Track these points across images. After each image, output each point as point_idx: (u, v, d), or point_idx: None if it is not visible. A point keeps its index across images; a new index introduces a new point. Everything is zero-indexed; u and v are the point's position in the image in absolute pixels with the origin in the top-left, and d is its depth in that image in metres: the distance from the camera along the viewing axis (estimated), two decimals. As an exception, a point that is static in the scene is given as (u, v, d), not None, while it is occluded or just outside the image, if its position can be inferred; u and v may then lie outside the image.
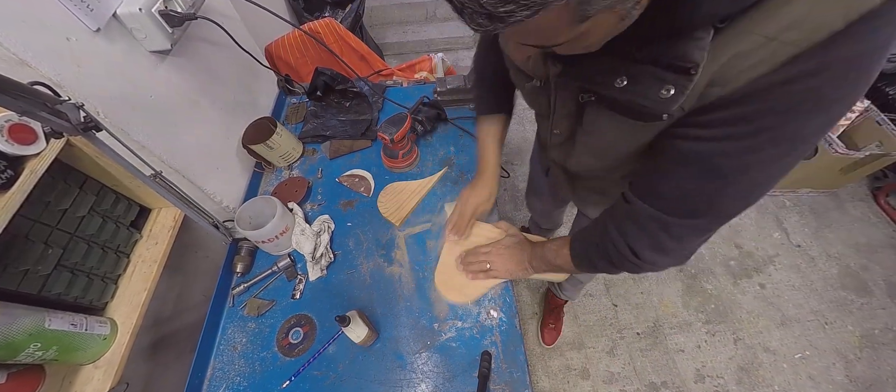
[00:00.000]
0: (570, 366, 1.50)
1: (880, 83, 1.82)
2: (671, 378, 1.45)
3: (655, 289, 1.66)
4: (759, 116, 0.34)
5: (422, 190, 1.01)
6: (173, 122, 0.85)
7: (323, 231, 0.93)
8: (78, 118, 0.56)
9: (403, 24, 2.82)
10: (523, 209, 1.91)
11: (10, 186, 0.60)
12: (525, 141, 2.19)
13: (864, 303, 1.61)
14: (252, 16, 1.11)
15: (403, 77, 1.50)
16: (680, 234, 0.47)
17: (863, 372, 1.45)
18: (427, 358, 0.78)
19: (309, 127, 1.18)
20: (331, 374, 0.77)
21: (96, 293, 0.79)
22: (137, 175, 0.71)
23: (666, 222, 0.46)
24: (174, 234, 0.91)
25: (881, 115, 1.69)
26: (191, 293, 1.08)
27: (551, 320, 1.54)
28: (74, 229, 0.77)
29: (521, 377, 0.74)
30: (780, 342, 1.52)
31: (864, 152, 1.62)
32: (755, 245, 1.78)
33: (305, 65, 1.53)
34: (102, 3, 0.67)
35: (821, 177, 1.79)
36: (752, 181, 0.40)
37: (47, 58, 0.60)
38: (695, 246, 0.50)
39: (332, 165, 1.11)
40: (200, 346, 0.80)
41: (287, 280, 0.90)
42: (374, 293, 0.87)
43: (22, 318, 0.62)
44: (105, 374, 0.73)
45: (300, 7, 2.07)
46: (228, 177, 1.02)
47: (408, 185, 1.02)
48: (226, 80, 1.03)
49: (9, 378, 0.63)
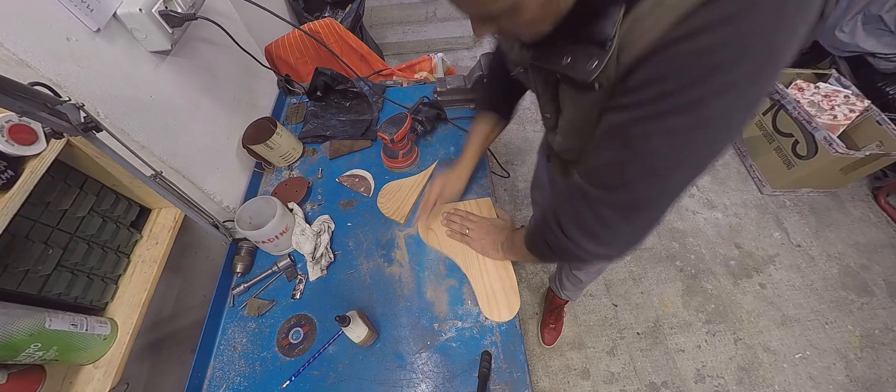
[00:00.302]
0: (570, 366, 1.50)
1: (880, 83, 1.82)
2: (671, 378, 1.45)
3: (655, 289, 1.66)
4: (659, 80, 0.35)
5: (418, 185, 1.02)
6: (173, 122, 0.85)
7: (323, 231, 0.93)
8: (78, 118, 0.56)
9: (403, 24, 2.82)
10: (523, 209, 1.92)
11: (11, 187, 0.60)
12: (525, 141, 2.19)
13: (864, 303, 1.60)
14: (252, 16, 1.11)
15: (403, 77, 1.50)
16: (602, 213, 0.46)
17: (863, 372, 1.45)
18: (427, 358, 0.78)
19: (309, 127, 1.18)
20: (331, 374, 0.77)
21: (96, 293, 0.79)
22: (137, 175, 0.71)
23: (587, 195, 0.47)
24: (174, 235, 0.91)
25: (881, 114, 1.69)
26: (191, 293, 1.08)
27: (551, 320, 1.55)
28: (75, 229, 0.77)
29: (521, 377, 0.74)
30: (781, 342, 1.52)
31: (864, 152, 1.62)
32: (755, 245, 1.78)
33: (305, 65, 1.53)
34: (102, 4, 0.67)
35: (821, 176, 1.79)
36: (658, 152, 0.39)
37: (47, 58, 0.60)
38: (623, 233, 0.48)
39: (332, 165, 1.11)
40: (200, 347, 0.80)
41: (287, 280, 0.90)
42: (374, 293, 0.87)
43: (22, 318, 0.62)
44: (105, 374, 0.74)
45: (300, 7, 2.07)
46: (228, 177, 1.02)
47: (404, 183, 1.03)
48: (226, 80, 1.03)
49: (9, 378, 0.63)
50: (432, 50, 2.38)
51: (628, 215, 0.46)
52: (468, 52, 2.74)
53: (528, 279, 1.73)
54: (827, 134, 1.63)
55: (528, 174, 2.05)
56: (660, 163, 0.40)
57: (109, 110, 0.69)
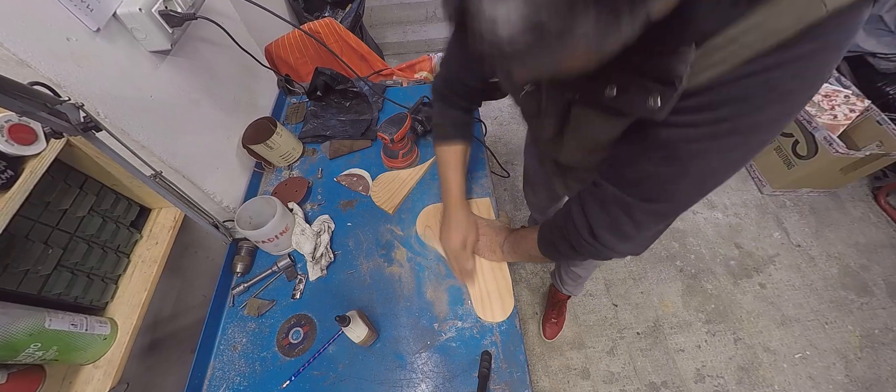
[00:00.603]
0: (570, 366, 1.50)
1: (880, 83, 1.82)
2: (671, 378, 1.45)
3: (655, 288, 1.66)
4: (719, 106, 0.38)
5: (412, 179, 1.02)
6: (173, 122, 0.85)
7: (323, 231, 0.93)
8: (78, 118, 0.56)
9: (403, 24, 2.82)
10: (523, 209, 1.91)
11: (10, 186, 0.60)
12: (524, 141, 2.19)
13: (864, 302, 1.61)
14: (252, 16, 1.11)
15: (403, 77, 1.50)
16: (639, 219, 0.49)
17: (863, 372, 1.45)
18: (427, 358, 0.78)
19: (309, 127, 1.18)
20: (331, 374, 0.77)
21: (96, 293, 0.79)
22: (137, 175, 0.71)
23: (628, 205, 0.49)
24: (174, 234, 0.91)
25: (881, 114, 1.69)
26: (191, 293, 1.08)
27: (553, 315, 1.56)
28: (74, 229, 0.77)
29: (521, 377, 0.74)
30: (781, 342, 1.52)
31: (864, 152, 1.62)
32: (755, 245, 1.78)
33: (305, 65, 1.53)
34: (102, 3, 0.67)
35: (821, 176, 1.79)
36: (708, 168, 0.43)
37: (47, 58, 0.60)
38: (652, 236, 0.53)
39: (332, 165, 1.11)
40: (200, 346, 0.80)
41: (287, 280, 0.90)
42: (374, 293, 0.87)
43: (22, 318, 0.62)
44: (105, 374, 0.73)
45: (300, 7, 2.07)
46: (228, 177, 1.02)
47: (399, 175, 1.04)
48: (226, 80, 1.03)
49: (9, 378, 0.63)
50: (432, 50, 2.38)
51: (664, 219, 0.50)
52: (468, 52, 2.74)
53: (527, 279, 1.73)
54: (827, 134, 1.63)
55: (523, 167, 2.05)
56: (708, 177, 0.44)
57: (109, 110, 0.69)
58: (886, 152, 1.62)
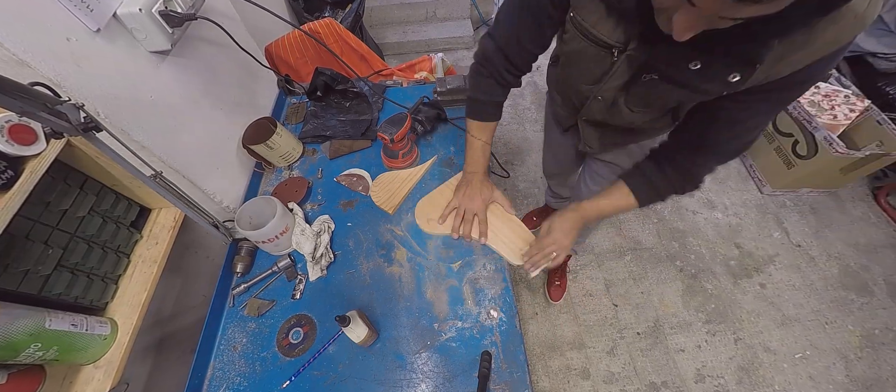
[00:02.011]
0: (570, 366, 1.50)
1: (880, 83, 1.82)
2: (671, 378, 1.45)
3: (655, 289, 1.66)
4: (785, 89, 0.53)
5: (412, 179, 1.02)
6: (173, 122, 0.85)
7: (323, 231, 0.93)
8: (78, 118, 0.56)
9: (403, 24, 2.82)
10: (523, 209, 1.91)
11: (11, 187, 0.60)
12: (525, 141, 2.19)
13: (864, 302, 1.60)
14: (252, 16, 1.11)
15: (403, 77, 1.50)
16: (713, 165, 0.68)
17: (863, 372, 1.44)
18: (427, 358, 0.78)
19: (309, 127, 1.18)
20: (331, 374, 0.77)
21: (96, 293, 0.79)
22: (137, 175, 0.71)
23: (720, 158, 0.67)
24: (174, 235, 0.91)
25: (881, 114, 1.68)
26: (191, 293, 1.08)
27: (556, 277, 1.60)
28: (75, 229, 0.77)
29: (521, 377, 0.74)
30: (781, 342, 1.52)
31: (864, 152, 1.62)
32: (755, 245, 1.78)
33: (305, 65, 1.53)
34: (102, 4, 0.67)
35: (821, 176, 1.79)
36: (753, 126, 0.60)
37: (47, 58, 0.60)
38: None
39: (332, 165, 1.11)
40: (200, 346, 0.80)
41: (287, 280, 0.90)
42: (374, 293, 0.87)
43: (22, 318, 0.62)
44: (105, 374, 0.73)
45: (300, 7, 2.07)
46: (228, 177, 1.03)
47: (398, 174, 1.04)
48: (226, 80, 1.03)
49: (9, 378, 0.63)
50: (432, 50, 2.38)
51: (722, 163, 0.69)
52: (468, 52, 2.74)
53: (528, 279, 1.73)
54: (827, 134, 1.63)
55: (528, 174, 2.05)
56: (751, 132, 0.61)
57: (109, 110, 0.69)
58: (886, 152, 1.62)
